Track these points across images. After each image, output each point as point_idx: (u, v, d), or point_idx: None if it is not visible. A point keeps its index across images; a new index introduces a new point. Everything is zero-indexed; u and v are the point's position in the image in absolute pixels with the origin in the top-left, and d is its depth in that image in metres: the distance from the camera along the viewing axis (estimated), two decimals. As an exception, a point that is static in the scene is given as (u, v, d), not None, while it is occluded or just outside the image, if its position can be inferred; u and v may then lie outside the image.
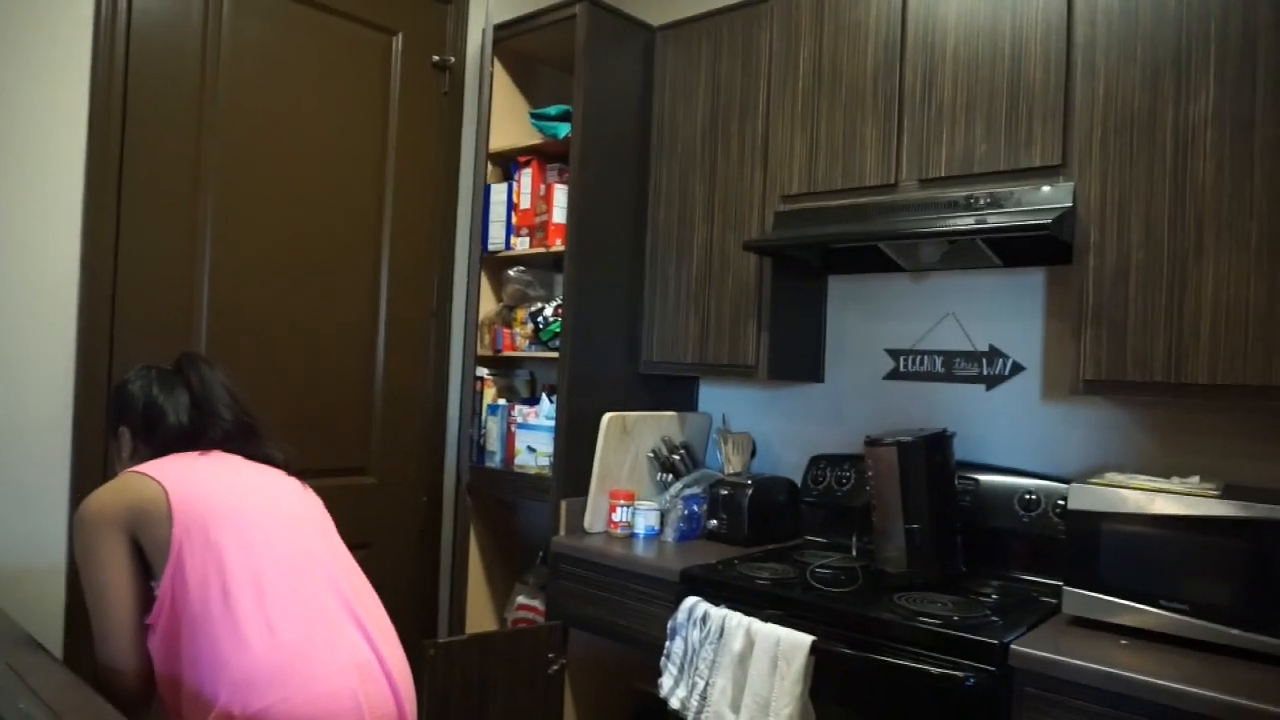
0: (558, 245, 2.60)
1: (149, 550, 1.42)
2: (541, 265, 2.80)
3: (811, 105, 2.35)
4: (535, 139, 2.75)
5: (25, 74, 1.95)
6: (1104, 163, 1.88)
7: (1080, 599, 1.77)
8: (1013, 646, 1.64)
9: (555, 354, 2.57)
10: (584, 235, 2.53)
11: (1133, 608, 1.70)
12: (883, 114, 2.21)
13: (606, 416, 2.49)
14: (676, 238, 2.63)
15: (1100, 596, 1.74)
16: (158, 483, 1.44)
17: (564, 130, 2.62)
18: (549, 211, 2.63)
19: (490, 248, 2.79)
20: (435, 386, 2.75)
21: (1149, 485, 1.76)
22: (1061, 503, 2.04)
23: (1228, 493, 1.70)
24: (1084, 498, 1.78)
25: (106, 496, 1.45)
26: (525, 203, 2.71)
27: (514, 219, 2.73)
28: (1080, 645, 1.64)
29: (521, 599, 2.75)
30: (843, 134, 2.28)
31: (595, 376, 2.58)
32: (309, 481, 1.70)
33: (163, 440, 1.58)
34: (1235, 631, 1.60)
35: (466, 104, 2.81)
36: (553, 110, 2.69)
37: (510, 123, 2.86)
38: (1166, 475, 1.86)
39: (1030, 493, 2.12)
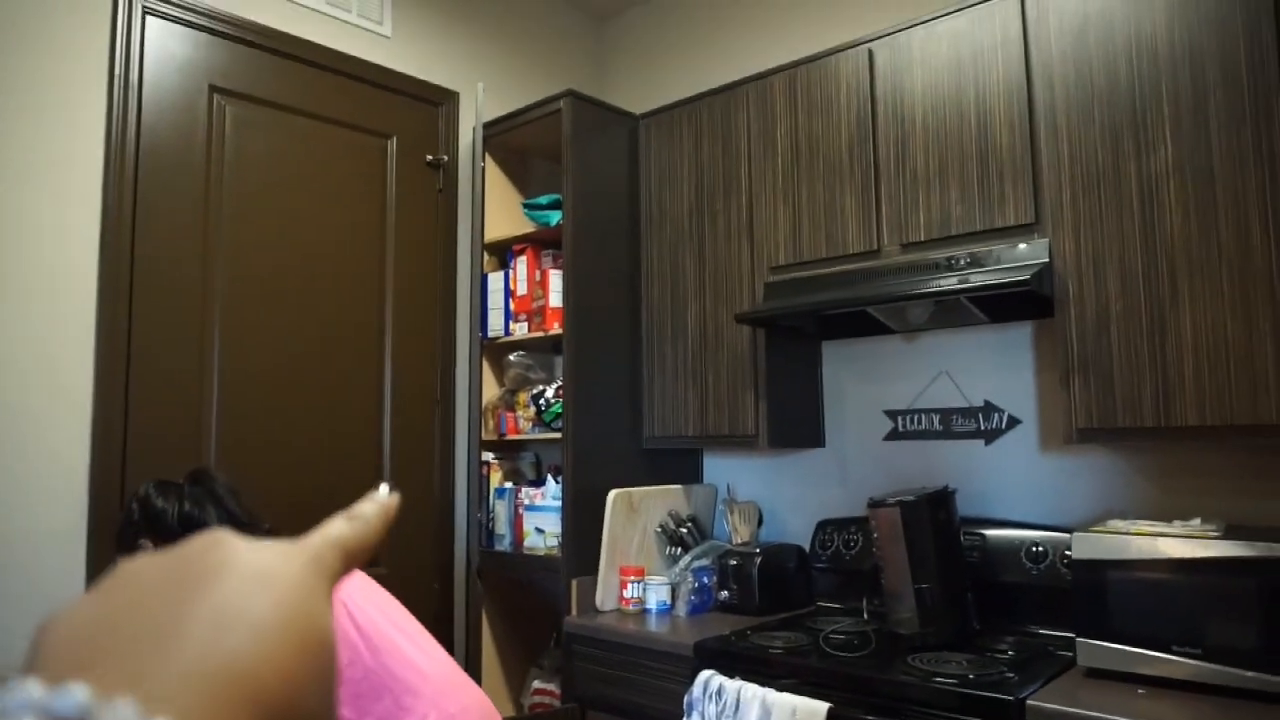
0: (555, 328, 2.66)
1: None
2: (541, 349, 2.87)
3: (792, 179, 2.44)
4: (529, 228, 2.84)
5: (43, 195, 2.05)
6: (1075, 218, 1.95)
7: (1094, 650, 1.76)
8: (1029, 702, 1.63)
9: (558, 434, 2.61)
10: (580, 317, 2.60)
11: (1147, 655, 1.70)
12: (860, 184, 2.30)
13: (612, 493, 2.51)
14: (670, 314, 2.69)
15: (1114, 646, 1.74)
16: None
17: (556, 218, 2.72)
18: (545, 296, 2.71)
19: (490, 334, 2.85)
20: (442, 474, 2.78)
21: (1150, 530, 1.77)
22: (1068, 553, 2.04)
23: (1229, 533, 1.72)
24: (1088, 546, 1.80)
25: None
26: (522, 289, 2.79)
27: (512, 305, 2.81)
28: (1097, 697, 1.64)
29: (537, 683, 2.73)
30: (824, 205, 2.37)
31: (599, 454, 2.61)
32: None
33: None
34: (1250, 674, 1.60)
35: (461, 198, 2.92)
36: (544, 200, 2.80)
37: (504, 213, 2.97)
38: (1168, 519, 1.87)
39: (1037, 544, 2.13)
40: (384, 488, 0.39)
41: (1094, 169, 1.93)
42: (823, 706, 1.79)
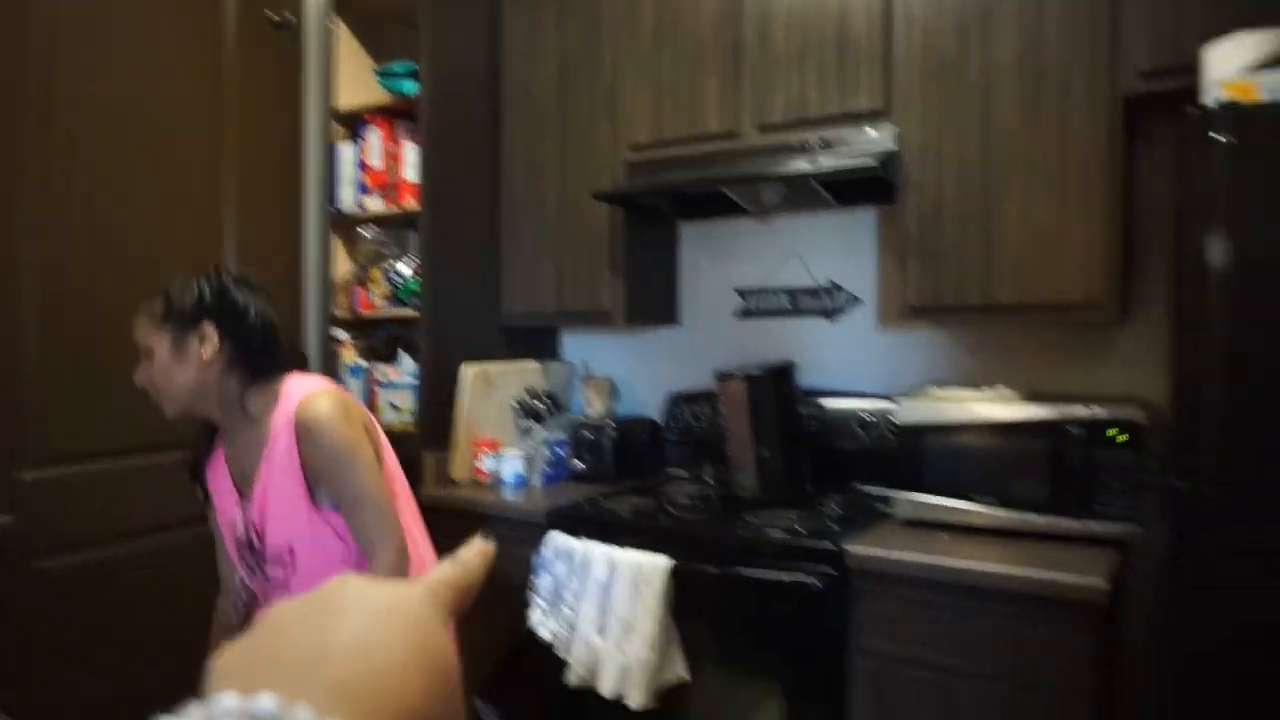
0: (411, 203, 2.59)
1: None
2: (395, 224, 2.78)
3: (655, 58, 2.42)
4: (383, 98, 2.71)
5: None
6: (922, 106, 2.04)
7: (908, 503, 1.95)
8: (848, 548, 1.80)
9: (415, 312, 2.57)
10: (437, 192, 2.54)
11: (954, 506, 1.90)
12: (722, 64, 2.31)
13: (469, 369, 2.52)
14: (530, 191, 2.66)
15: (925, 499, 1.93)
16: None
17: (412, 87, 2.60)
18: (400, 170, 2.61)
19: (341, 208, 2.74)
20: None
21: (962, 397, 1.94)
22: (896, 421, 2.21)
23: (1029, 399, 1.91)
24: (910, 412, 1.96)
25: (349, 401, 1.49)
26: (375, 162, 2.68)
27: (364, 178, 2.70)
28: (907, 542, 1.82)
29: (395, 556, 2.76)
30: (686, 85, 2.37)
31: (456, 331, 2.60)
32: (170, 455, 1.69)
33: (255, 351, 1.49)
34: (1039, 518, 1.81)
35: (310, 64, 2.74)
36: (399, 68, 2.67)
37: (356, 81, 2.80)
38: (978, 386, 2.06)
39: (868, 413, 2.29)
40: (479, 539, 0.44)
41: (941, 59, 2.01)
42: (665, 561, 1.91)
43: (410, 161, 2.60)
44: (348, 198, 2.73)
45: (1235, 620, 1.34)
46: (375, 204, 2.69)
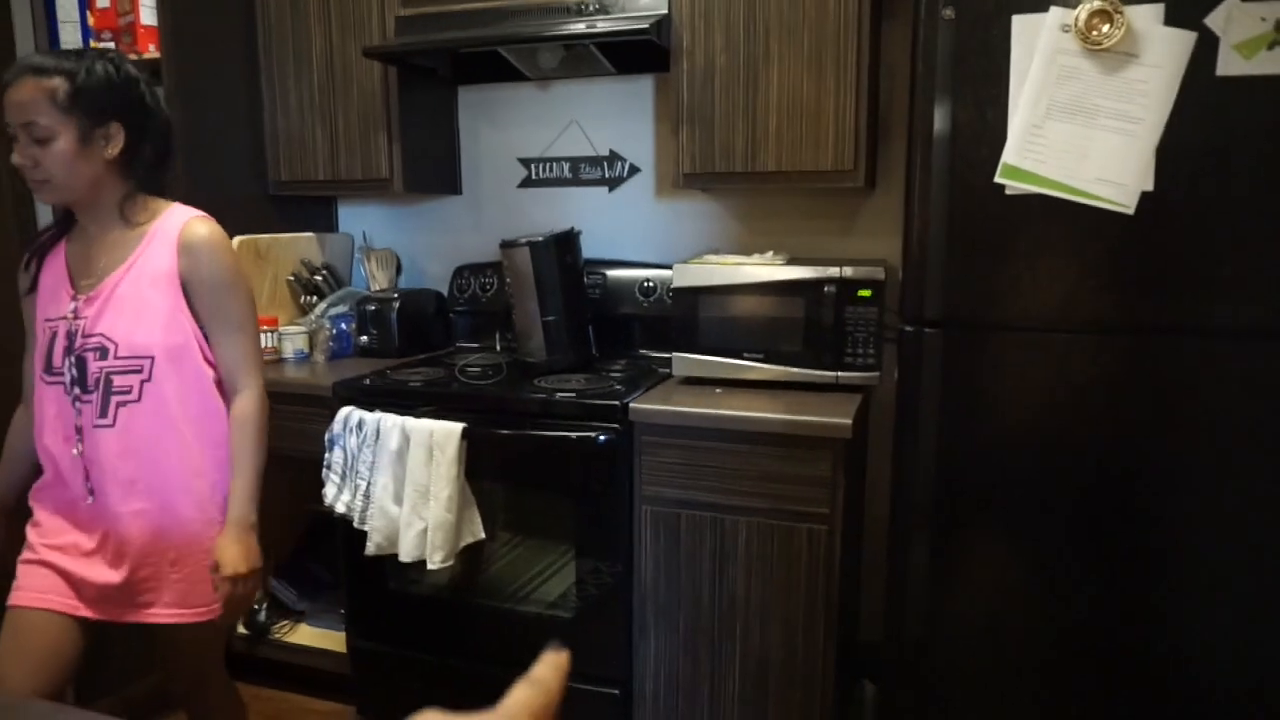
0: (152, 51, 2.31)
1: None
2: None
3: (424, -99, 2.26)
4: (104, -76, 2.36)
5: None
6: (694, -28, 2.06)
7: (685, 362, 2.10)
8: (631, 405, 1.92)
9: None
10: (181, 38, 2.28)
11: (724, 363, 2.06)
12: (496, -86, 2.20)
13: (236, 240, 2.35)
14: (292, 42, 2.45)
15: (700, 357, 2.08)
16: None
17: (140, -86, 2.28)
18: (135, 10, 2.31)
19: (65, 57, 2.40)
20: (22, 232, 2.39)
21: (732, 261, 2.09)
22: (672, 286, 2.34)
23: (790, 262, 2.08)
24: (685, 276, 2.08)
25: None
26: (103, 1, 2.35)
27: (90, 20, 2.37)
28: (684, 397, 1.97)
29: (166, 442, 2.62)
30: (458, -66, 2.24)
31: (218, 200, 2.39)
32: None
33: (153, 161, 1.47)
34: (796, 370, 2.01)
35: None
36: (122, -112, 2.32)
37: (68, -97, 2.41)
38: (750, 253, 2.21)
39: (648, 280, 2.40)
40: (551, 653, 0.43)
41: (712, -77, 2.03)
42: (458, 426, 1.96)
43: (146, 2, 2.30)
44: (71, 42, 2.39)
45: (946, 442, 1.59)
46: (107, 55, 2.38)
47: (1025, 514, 1.57)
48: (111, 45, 2.36)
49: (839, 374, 1.99)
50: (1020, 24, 1.44)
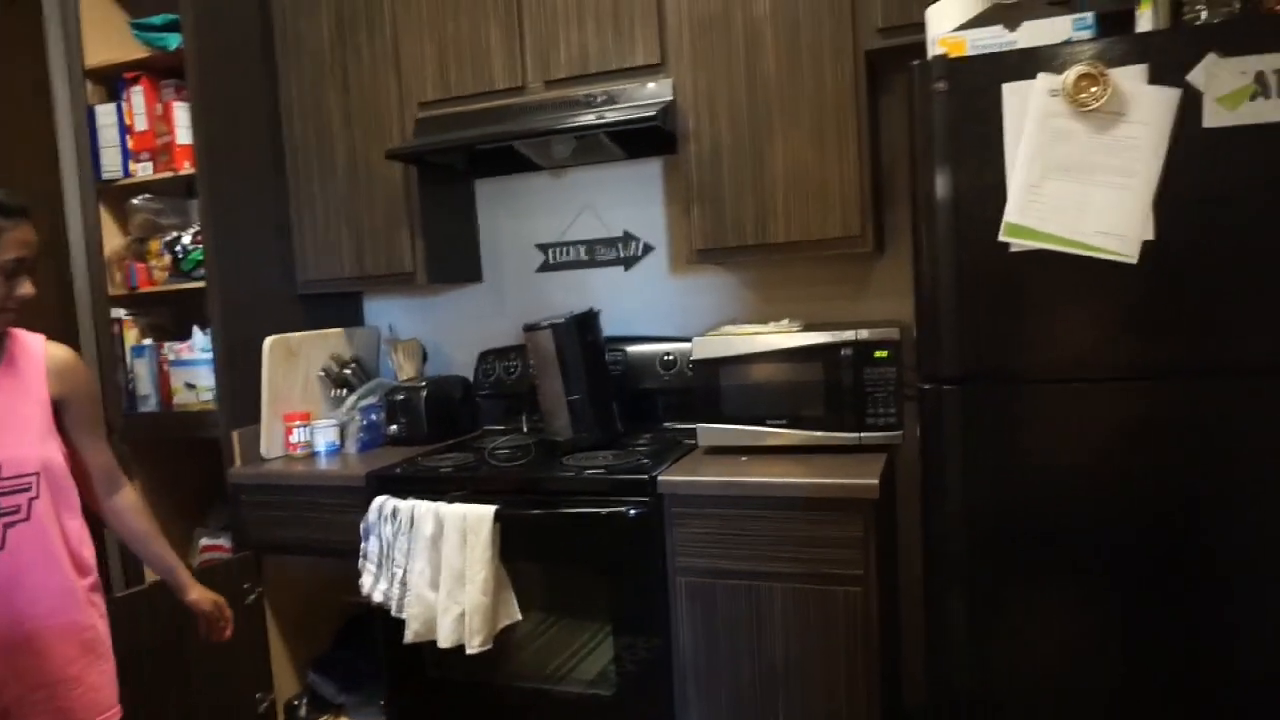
0: (187, 168, 2.44)
1: None
2: (171, 191, 2.62)
3: (437, 10, 2.40)
4: (141, 52, 2.51)
5: None
6: (693, 59, 2.17)
7: (710, 432, 2.13)
8: (659, 478, 1.95)
9: (202, 283, 2.45)
10: (214, 155, 2.41)
11: (747, 430, 2.09)
12: (504, 17, 2.34)
13: (268, 340, 2.45)
14: (317, 151, 2.58)
15: (724, 427, 2.11)
16: None
17: (174, 40, 2.43)
18: (171, 132, 2.45)
19: (105, 176, 2.54)
20: (64, 340, 2.48)
21: (750, 330, 2.14)
22: (692, 358, 2.39)
23: (806, 328, 2.13)
24: (704, 348, 2.13)
25: None
26: (141, 124, 2.49)
27: (129, 143, 2.51)
28: (711, 467, 2.00)
29: (205, 540, 2.66)
30: (469, 39, 2.38)
31: (250, 301, 2.51)
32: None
33: None
34: (819, 433, 2.04)
35: (48, 15, 2.49)
36: (158, 20, 2.48)
37: (108, 35, 2.58)
38: (766, 322, 2.26)
39: (668, 354, 2.45)
40: None
41: (708, 14, 2.14)
42: (489, 509, 1.99)
43: (182, 123, 2.44)
44: (113, 164, 2.53)
45: (973, 496, 1.61)
46: (145, 170, 2.51)
47: (1059, 563, 1.57)
48: (149, 165, 2.49)
49: (861, 435, 2.01)
50: (1010, 91, 1.51)
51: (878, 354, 1.98)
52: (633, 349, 2.50)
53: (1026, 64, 1.50)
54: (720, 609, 1.93)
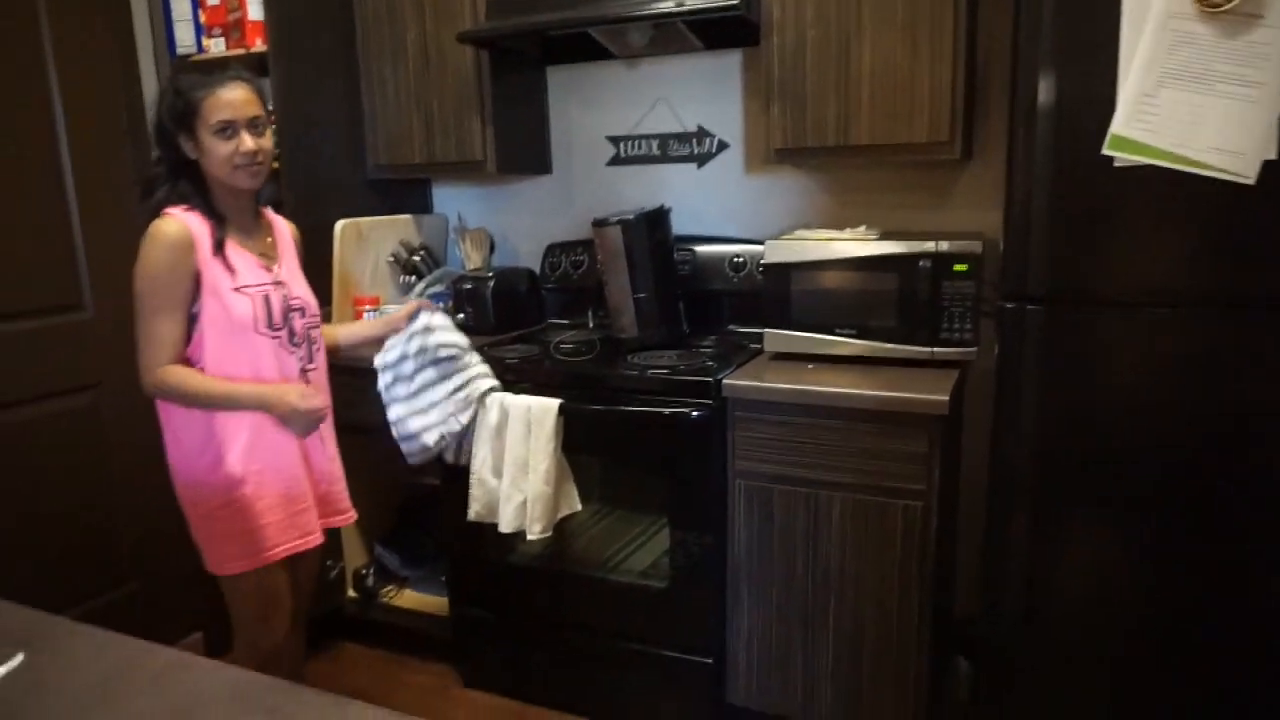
0: (259, 45, 2.42)
1: None
2: (244, 67, 2.59)
3: (513, -116, 2.29)
4: (213, -78, 2.46)
5: None
6: (784, -56, 2.04)
7: (776, 338, 2.10)
8: (724, 381, 1.95)
9: (274, 164, 2.45)
10: (286, 31, 2.38)
11: (817, 338, 2.06)
12: (584, -106, 2.22)
13: (340, 224, 2.46)
14: (389, 31, 2.52)
15: (792, 333, 2.09)
16: None
17: (245, -89, 2.37)
18: (243, 7, 2.42)
19: (179, 52, 2.53)
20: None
21: (825, 236, 2.08)
22: (763, 261, 2.34)
23: (883, 236, 2.06)
24: (776, 252, 2.08)
25: None
26: (212, -1, 2.46)
27: (202, 17, 2.48)
28: (776, 374, 1.98)
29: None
30: (547, -84, 2.27)
31: (322, 185, 2.51)
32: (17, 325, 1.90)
33: None
34: (889, 345, 2.00)
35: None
36: (228, -113, 2.41)
37: (178, -97, 2.52)
38: (841, 228, 2.20)
39: (738, 256, 2.41)
40: None
41: (802, -106, 2.00)
42: (554, 401, 2.01)
43: (253, -3, 2.40)
44: (186, 38, 2.51)
45: (1048, 418, 1.57)
46: (218, 45, 2.49)
47: (1130, 488, 1.54)
48: (221, 40, 2.47)
49: (934, 349, 1.97)
50: (1131, -12, 1.40)
51: (957, 267, 1.92)
52: (701, 249, 2.46)
53: (1154, -41, 1.38)
54: (777, 513, 1.95)
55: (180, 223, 1.62)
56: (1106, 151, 1.44)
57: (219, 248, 1.65)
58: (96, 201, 2.32)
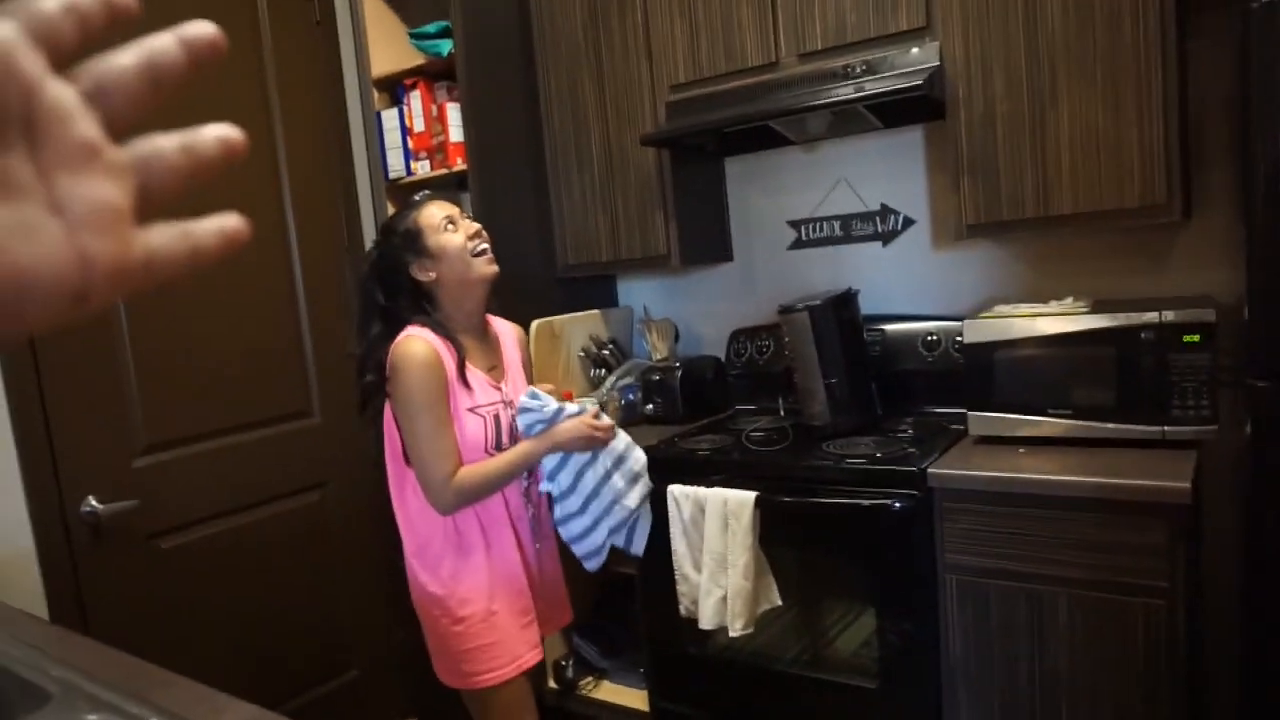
0: (459, 164, 2.62)
1: None
2: (445, 186, 2.82)
3: (686, -8, 2.40)
4: (418, 59, 2.72)
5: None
6: (964, 20, 2.01)
7: (981, 420, 2.00)
8: (930, 470, 1.86)
9: (475, 271, 2.62)
10: (483, 150, 2.56)
11: (1026, 420, 1.94)
12: (756, -6, 2.28)
13: (535, 324, 2.59)
14: (574, 139, 2.68)
15: (998, 415, 1.97)
16: None
17: (446, 47, 2.61)
18: (445, 131, 2.64)
19: (391, 176, 2.78)
20: (360, 321, 2.78)
21: (1029, 312, 1.97)
22: (959, 339, 2.24)
23: (1095, 308, 1.93)
24: (976, 331, 1.99)
25: None
26: (419, 125, 2.70)
27: (410, 143, 2.73)
28: (984, 459, 1.87)
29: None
30: (720, 17, 2.35)
31: (516, 287, 2.65)
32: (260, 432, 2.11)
33: None
34: (1110, 425, 1.85)
35: (341, 32, 2.75)
36: (432, 28, 2.66)
37: (389, 46, 2.80)
38: (1045, 300, 2.08)
39: (931, 334, 2.33)
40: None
41: (981, -33, 1.97)
42: (750, 495, 1.99)
43: (454, 122, 2.62)
44: (396, 164, 2.76)
45: (1319, 511, 1.39)
46: (423, 168, 2.72)
47: None
48: (426, 163, 2.70)
49: (1165, 428, 1.80)
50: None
51: (1187, 338, 1.76)
52: (892, 328, 2.39)
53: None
54: (994, 611, 1.82)
55: (424, 341, 1.69)
56: (1367, 209, 1.29)
57: (460, 369, 1.72)
58: (322, 316, 2.57)
